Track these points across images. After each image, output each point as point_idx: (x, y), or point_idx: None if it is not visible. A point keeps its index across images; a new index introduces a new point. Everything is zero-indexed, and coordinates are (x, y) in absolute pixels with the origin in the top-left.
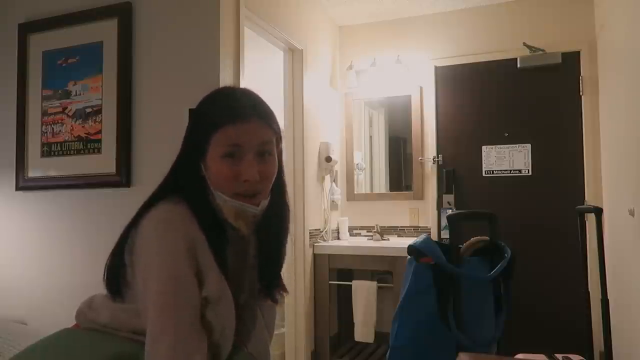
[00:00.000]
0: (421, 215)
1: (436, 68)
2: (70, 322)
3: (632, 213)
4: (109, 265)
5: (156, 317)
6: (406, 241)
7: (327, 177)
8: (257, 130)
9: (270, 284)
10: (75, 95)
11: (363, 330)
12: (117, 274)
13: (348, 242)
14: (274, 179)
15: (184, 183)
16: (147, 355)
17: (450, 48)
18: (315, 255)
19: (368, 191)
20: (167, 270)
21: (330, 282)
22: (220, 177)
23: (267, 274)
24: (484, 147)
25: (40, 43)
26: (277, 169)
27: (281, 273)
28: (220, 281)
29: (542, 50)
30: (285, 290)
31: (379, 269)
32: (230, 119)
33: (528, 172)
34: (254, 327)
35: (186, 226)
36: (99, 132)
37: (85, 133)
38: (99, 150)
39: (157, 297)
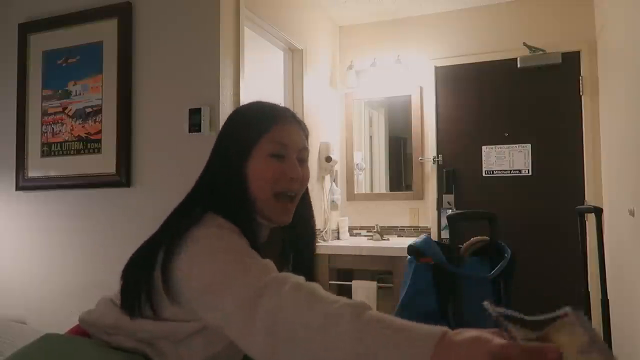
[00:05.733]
0: (421, 215)
1: (436, 68)
2: (69, 321)
3: (632, 213)
4: (131, 279)
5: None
6: (406, 241)
7: (327, 177)
8: (298, 134)
9: None
10: (75, 95)
11: None
12: (139, 291)
13: (348, 242)
14: (306, 186)
15: (226, 190)
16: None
17: (450, 48)
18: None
19: (368, 191)
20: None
21: (330, 282)
22: (266, 175)
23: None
24: (484, 147)
25: (40, 43)
26: None
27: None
28: None
29: (542, 50)
30: None
31: (379, 269)
32: (279, 120)
33: (528, 172)
34: None
35: (239, 234)
36: (99, 132)
37: (85, 133)
38: (99, 150)
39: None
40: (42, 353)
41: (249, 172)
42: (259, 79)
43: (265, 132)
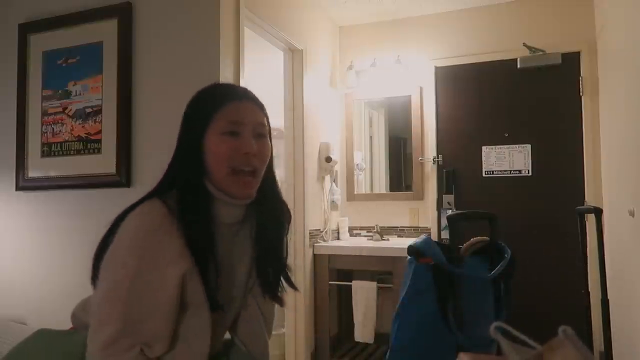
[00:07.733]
0: (421, 215)
1: (436, 68)
2: (69, 321)
3: (632, 213)
4: (94, 261)
5: (101, 304)
6: (406, 241)
7: (327, 177)
8: (253, 110)
9: (268, 281)
10: (75, 95)
11: (363, 331)
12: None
13: (348, 243)
14: (267, 162)
15: (182, 168)
16: (88, 342)
17: (450, 48)
18: (315, 256)
19: (368, 191)
20: (131, 263)
21: (330, 282)
22: (220, 152)
23: (264, 270)
24: (484, 147)
25: (40, 43)
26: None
27: (288, 273)
28: (199, 291)
29: (542, 50)
30: (293, 287)
31: (379, 269)
32: (231, 98)
33: (528, 173)
34: (253, 325)
35: (166, 226)
36: (99, 132)
37: (85, 133)
38: (99, 150)
39: (107, 285)
40: (37, 349)
41: (205, 150)
42: (259, 79)
43: (217, 110)
